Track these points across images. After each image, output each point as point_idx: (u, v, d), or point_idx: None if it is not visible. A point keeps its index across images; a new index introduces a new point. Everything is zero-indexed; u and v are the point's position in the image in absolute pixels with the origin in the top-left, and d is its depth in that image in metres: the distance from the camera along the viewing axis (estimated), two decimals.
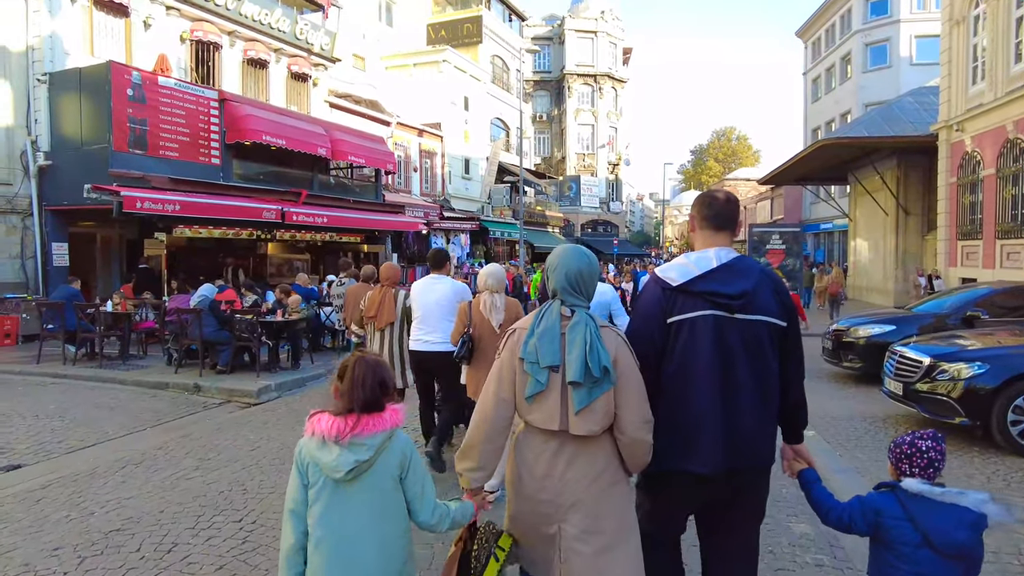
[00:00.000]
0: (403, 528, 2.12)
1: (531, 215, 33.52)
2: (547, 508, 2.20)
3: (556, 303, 2.28)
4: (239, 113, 14.00)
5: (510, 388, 2.24)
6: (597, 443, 2.19)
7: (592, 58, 46.80)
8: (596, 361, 2.11)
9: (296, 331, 9.48)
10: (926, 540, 2.07)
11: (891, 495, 2.17)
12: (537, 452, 2.23)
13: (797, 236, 16.77)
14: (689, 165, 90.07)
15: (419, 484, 2.13)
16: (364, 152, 17.38)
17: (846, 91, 36.01)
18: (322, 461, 2.00)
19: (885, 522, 2.15)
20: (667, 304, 2.31)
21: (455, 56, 27.25)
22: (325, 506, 2.02)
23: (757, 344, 2.29)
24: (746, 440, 2.27)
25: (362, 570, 2.01)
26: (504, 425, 2.28)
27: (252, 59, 17.25)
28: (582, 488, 2.17)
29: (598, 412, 2.13)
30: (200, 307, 8.67)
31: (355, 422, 2.00)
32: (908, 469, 2.18)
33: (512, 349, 2.26)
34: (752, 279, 2.30)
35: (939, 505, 2.09)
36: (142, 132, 12.30)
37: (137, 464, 5.31)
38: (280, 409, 7.47)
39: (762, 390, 2.30)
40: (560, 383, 2.16)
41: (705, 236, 2.44)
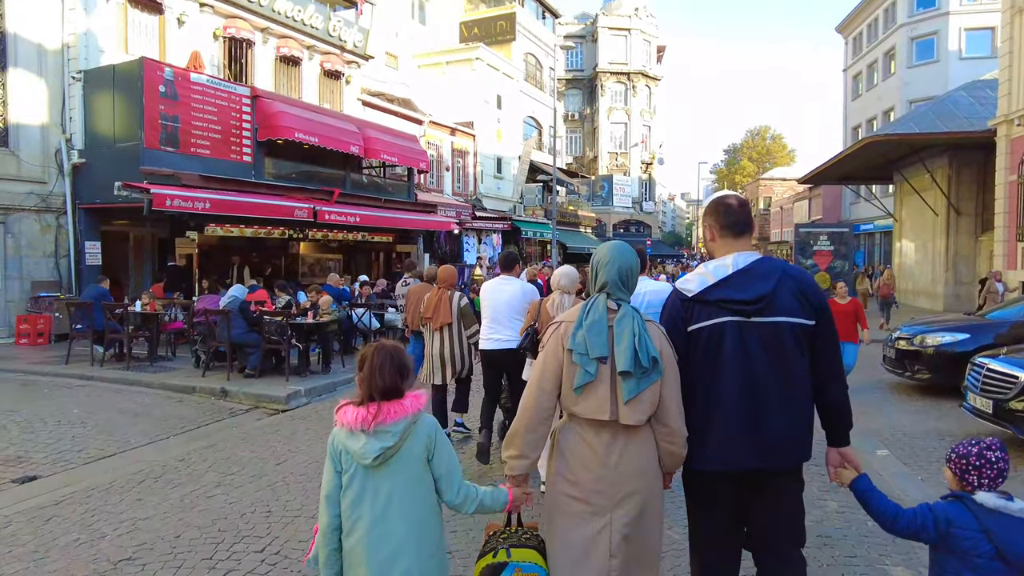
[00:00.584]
0: (433, 509, 2.18)
1: (563, 215, 32.99)
2: (599, 500, 2.24)
3: (602, 296, 2.35)
4: (271, 110, 13.77)
5: (553, 379, 2.31)
6: (645, 435, 2.28)
7: (625, 56, 46.03)
8: (645, 352, 2.19)
9: (327, 333, 9.15)
10: (999, 553, 2.08)
11: (961, 506, 2.16)
12: (589, 444, 2.27)
13: (846, 237, 15.99)
14: (722, 165, 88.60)
15: (445, 465, 2.18)
16: (397, 150, 17.06)
17: (889, 87, 34.81)
18: (352, 449, 2.08)
19: (957, 532, 2.14)
20: (686, 314, 2.38)
21: (488, 54, 26.86)
22: (358, 491, 2.10)
23: (779, 346, 2.30)
24: (774, 441, 2.29)
25: (396, 550, 2.07)
26: (546, 415, 2.33)
27: (285, 56, 17.06)
28: (636, 479, 2.24)
29: (646, 402, 2.22)
30: (229, 308, 8.38)
31: (376, 410, 2.06)
32: (977, 480, 2.17)
33: (558, 341, 2.32)
34: (772, 281, 2.31)
35: (1014, 520, 2.10)
36: (174, 129, 12.12)
37: (157, 478, 4.97)
38: (310, 417, 7.12)
39: (788, 390, 2.31)
40: (609, 374, 2.23)
41: (726, 244, 2.47)
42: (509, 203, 28.55)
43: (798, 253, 16.36)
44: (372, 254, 19.86)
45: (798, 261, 16.33)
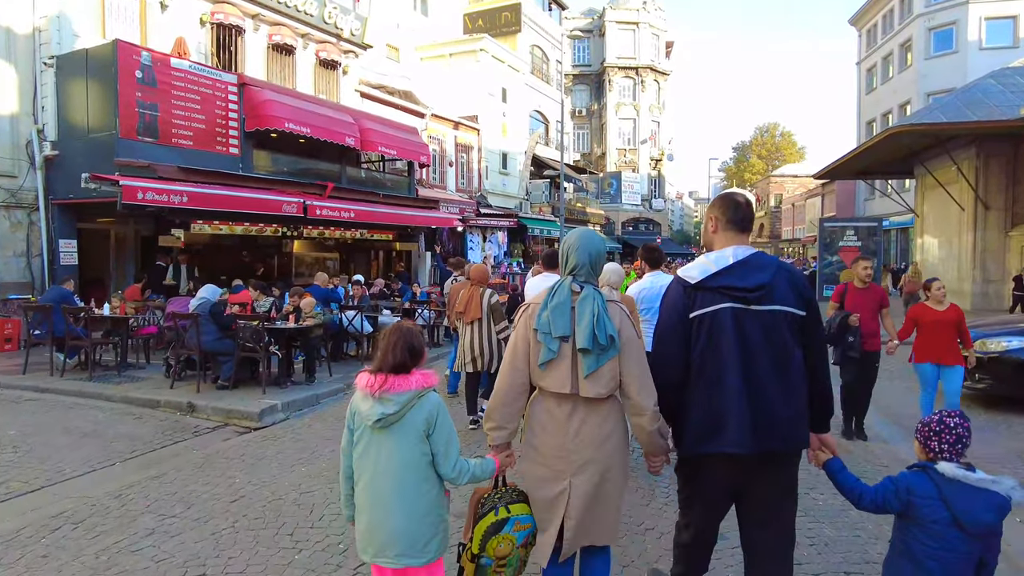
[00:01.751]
0: (425, 476, 2.40)
1: (571, 212, 31.98)
2: (560, 465, 2.50)
3: (567, 280, 2.60)
4: (260, 99, 12.87)
5: (524, 358, 2.55)
6: (607, 407, 2.51)
7: (634, 50, 45.02)
8: (603, 331, 2.43)
9: (311, 339, 8.23)
10: (955, 520, 2.21)
11: (923, 475, 2.30)
12: (551, 415, 2.53)
13: (873, 232, 14.96)
14: (731, 162, 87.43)
15: (443, 442, 2.41)
16: (396, 143, 16.14)
17: (905, 80, 33.88)
18: (361, 410, 2.42)
19: (917, 501, 2.28)
20: (688, 300, 2.51)
21: (493, 45, 25.91)
22: (364, 447, 2.43)
23: (777, 333, 2.43)
24: (774, 424, 2.39)
25: (387, 506, 2.37)
26: (520, 391, 2.57)
27: (277, 44, 16.17)
28: (594, 448, 2.48)
29: (604, 376, 2.46)
30: (199, 312, 7.48)
31: (384, 380, 2.36)
32: (937, 447, 2.31)
33: (526, 322, 2.57)
34: (769, 272, 2.47)
35: (972, 489, 2.21)
36: (152, 118, 11.23)
37: (78, 524, 4.06)
38: (284, 437, 6.20)
39: (786, 376, 2.43)
40: (571, 351, 2.48)
41: (729, 237, 2.59)
42: (515, 200, 27.60)
43: (822, 249, 15.34)
44: (371, 253, 18.94)
45: (822, 257, 15.31)
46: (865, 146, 21.71)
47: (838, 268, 15.05)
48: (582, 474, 2.46)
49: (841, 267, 14.99)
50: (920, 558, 2.30)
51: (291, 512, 4.24)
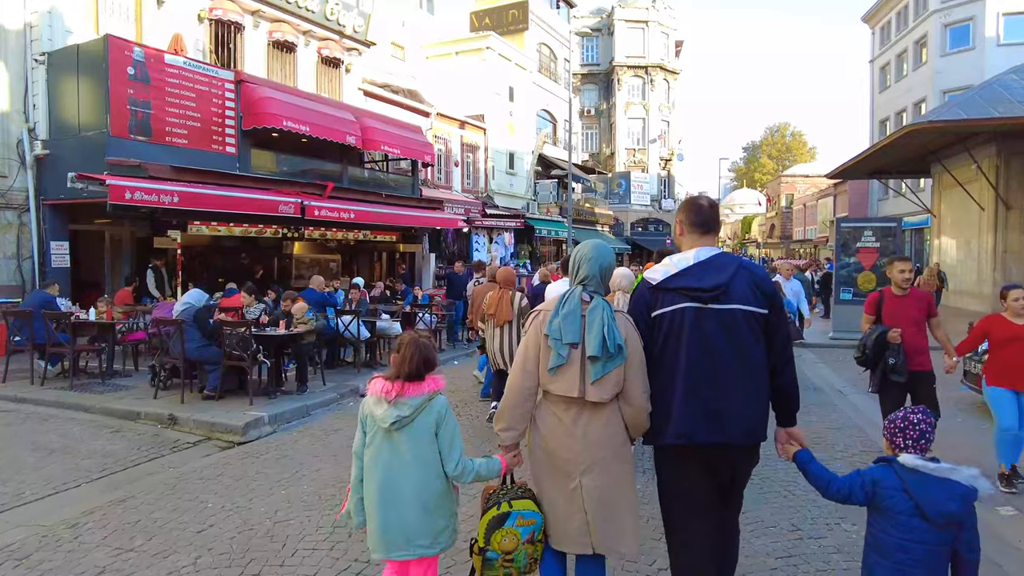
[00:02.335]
0: (436, 472, 2.60)
1: (579, 213, 31.52)
2: (569, 466, 2.60)
3: (578, 289, 2.70)
4: (257, 96, 12.51)
5: (534, 361, 2.66)
6: (608, 410, 2.62)
7: (643, 49, 44.46)
8: (612, 339, 2.54)
9: (302, 346, 7.81)
10: (919, 510, 2.28)
11: (888, 468, 2.38)
12: (558, 418, 2.64)
13: (893, 232, 14.36)
14: (741, 162, 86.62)
15: (448, 441, 2.61)
16: (399, 142, 15.74)
17: (920, 78, 33.31)
18: (375, 414, 2.58)
19: (881, 492, 2.36)
20: (651, 300, 2.64)
21: (500, 43, 25.49)
22: (377, 449, 2.60)
23: (735, 331, 2.52)
24: (730, 418, 2.49)
25: (401, 500, 2.55)
26: (529, 393, 2.68)
27: (278, 42, 15.81)
28: (601, 448, 2.60)
29: (610, 382, 2.57)
30: (183, 318, 7.08)
31: (400, 387, 2.56)
32: (902, 442, 2.39)
33: (537, 328, 2.68)
34: (728, 273, 2.55)
35: (932, 479, 2.29)
36: (145, 116, 10.88)
37: (21, 560, 3.65)
38: (268, 453, 5.78)
39: (745, 373, 2.52)
40: (580, 357, 2.58)
41: (693, 239, 2.70)
42: (522, 200, 27.16)
43: (839, 250, 14.74)
44: (374, 255, 18.56)
45: (839, 259, 14.73)
46: (881, 144, 21.12)
47: (855, 270, 14.45)
48: (590, 473, 2.58)
49: (859, 269, 14.40)
50: (889, 550, 2.35)
51: (260, 547, 3.82)
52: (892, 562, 2.34)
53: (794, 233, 60.01)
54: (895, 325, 4.87)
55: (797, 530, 4.08)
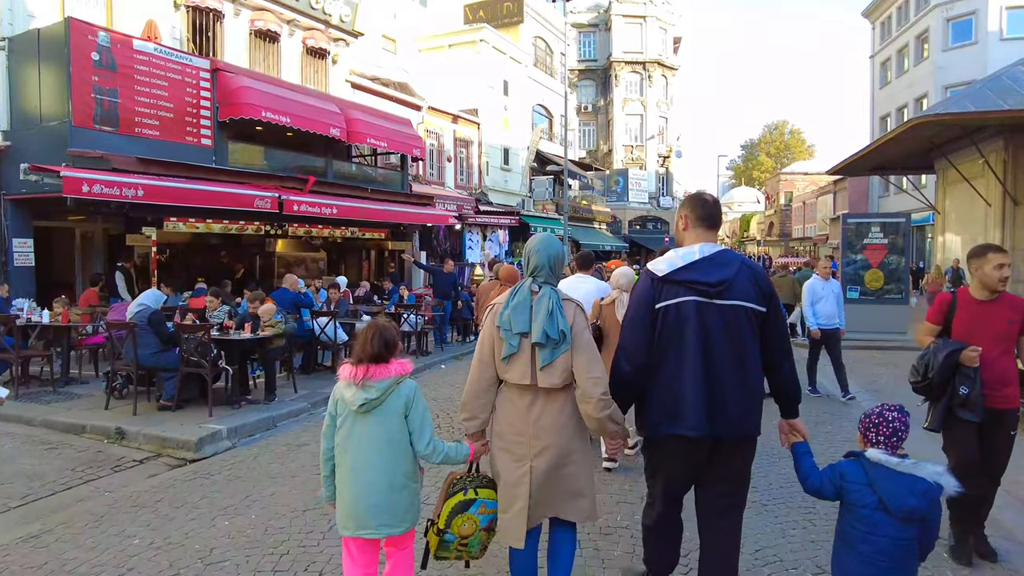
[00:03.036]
0: (405, 454, 2.69)
1: (576, 210, 30.86)
2: (522, 449, 2.70)
3: (528, 281, 2.80)
4: (234, 85, 11.86)
5: (490, 353, 2.77)
6: (563, 397, 2.71)
7: (641, 44, 43.80)
8: (555, 327, 2.63)
9: (270, 351, 7.18)
10: (882, 504, 2.37)
11: (856, 462, 2.48)
12: (514, 404, 2.74)
13: (902, 228, 13.78)
14: (740, 160, 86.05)
15: (418, 421, 2.70)
16: (386, 134, 15.08)
17: (922, 73, 32.87)
18: (345, 397, 2.68)
19: (848, 486, 2.46)
20: (655, 292, 2.67)
21: (494, 35, 24.82)
22: (348, 430, 2.68)
23: (736, 326, 2.59)
24: (728, 411, 2.57)
25: (370, 480, 2.63)
26: (488, 384, 2.79)
27: (260, 31, 15.14)
28: (553, 433, 2.68)
29: (558, 368, 2.65)
30: (136, 321, 6.44)
31: (365, 370, 2.64)
32: (875, 438, 2.47)
33: (491, 321, 2.77)
34: (732, 269, 2.62)
35: (896, 474, 2.38)
36: (112, 105, 10.23)
37: None
38: (219, 473, 5.15)
39: (742, 367, 2.60)
40: (530, 346, 2.67)
41: (697, 234, 2.75)
42: (518, 197, 26.51)
43: (845, 248, 14.14)
44: (362, 253, 17.90)
45: (845, 256, 14.13)
46: (886, 138, 20.43)
47: (862, 267, 13.86)
48: (541, 457, 2.67)
49: (866, 266, 13.80)
50: (854, 542, 2.44)
51: None
52: (857, 554, 2.43)
53: (793, 231, 59.49)
54: (972, 341, 3.53)
55: (822, 573, 3.46)
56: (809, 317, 7.95)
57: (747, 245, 74.19)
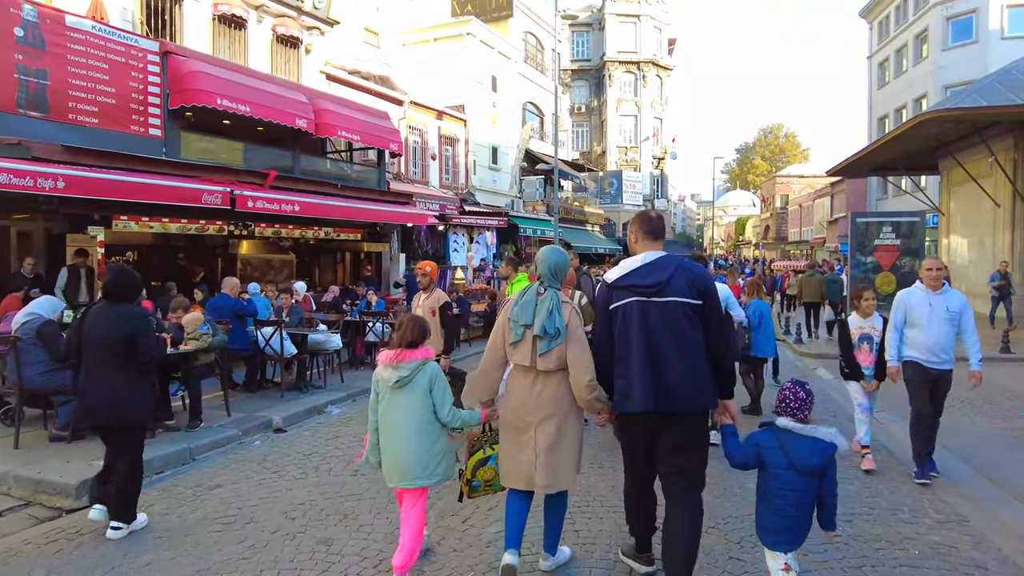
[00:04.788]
0: (429, 419, 3.40)
1: (568, 211, 29.81)
2: (527, 418, 3.34)
3: (536, 284, 3.43)
4: (186, 70, 10.73)
5: (501, 339, 3.43)
6: (558, 377, 3.30)
7: (635, 44, 42.94)
8: (552, 323, 3.23)
9: (194, 369, 6.06)
10: (791, 463, 2.90)
11: (769, 431, 3.03)
12: (519, 382, 3.40)
13: (916, 228, 12.73)
14: (735, 164, 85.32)
15: (440, 395, 3.41)
16: (359, 127, 13.97)
17: (921, 73, 32.26)
18: (383, 376, 3.41)
19: (763, 452, 2.98)
20: (608, 296, 3.27)
21: (481, 29, 23.77)
22: (386, 404, 3.41)
23: (674, 319, 3.09)
24: (671, 391, 3.05)
25: (406, 442, 3.35)
26: (497, 364, 3.47)
27: (224, 16, 14.05)
28: (552, 405, 3.31)
29: (553, 356, 3.25)
30: (20, 335, 5.32)
31: (398, 354, 3.38)
32: (785, 409, 3.02)
33: (504, 313, 3.45)
34: (667, 272, 3.13)
35: (801, 437, 2.94)
36: (40, 88, 9.10)
37: None
38: (87, 533, 4.02)
39: (683, 354, 3.07)
40: (531, 336, 3.29)
41: (646, 244, 3.29)
42: (507, 197, 25.42)
43: (855, 250, 13.08)
44: (337, 254, 16.78)
45: (854, 257, 13.08)
46: (890, 136, 19.57)
47: (873, 270, 12.81)
48: (544, 424, 3.30)
49: (877, 269, 12.75)
50: (770, 498, 2.98)
51: None
52: (771, 506, 2.98)
53: (789, 234, 58.71)
54: None
55: None
56: (892, 347, 5.19)
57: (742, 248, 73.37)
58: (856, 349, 5.46)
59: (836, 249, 38.32)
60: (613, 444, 5.45)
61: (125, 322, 4.08)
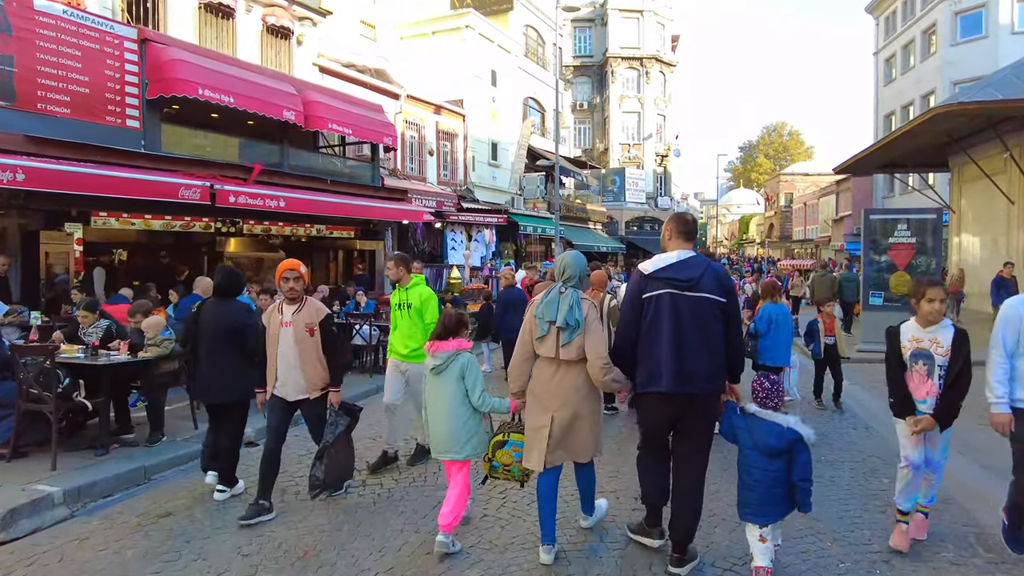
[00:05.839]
0: (462, 402, 3.92)
1: (570, 209, 29.21)
2: (548, 403, 3.74)
3: (559, 284, 3.81)
4: (166, 58, 10.18)
5: (529, 335, 3.81)
6: (577, 368, 3.70)
7: (638, 39, 42.27)
8: (572, 317, 3.64)
9: (155, 378, 5.51)
10: (755, 444, 3.41)
11: (743, 417, 3.55)
12: (543, 371, 3.78)
13: (933, 225, 12.12)
14: (738, 162, 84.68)
15: (472, 381, 3.92)
16: (351, 120, 13.41)
17: (929, 68, 31.68)
18: (427, 364, 3.99)
19: (737, 432, 3.54)
20: (643, 286, 3.62)
21: (480, 21, 23.20)
22: (429, 386, 3.99)
23: (701, 313, 3.48)
24: (693, 375, 3.45)
25: (441, 420, 3.91)
26: (527, 356, 3.85)
27: (211, 5, 13.50)
28: (569, 392, 3.71)
29: (574, 346, 3.66)
30: None
31: (432, 345, 3.96)
32: (754, 398, 4.09)
33: (531, 311, 3.82)
34: (699, 270, 3.52)
35: (763, 421, 3.46)
36: (6, 75, 8.55)
37: None
38: (13, 571, 3.48)
39: (705, 344, 3.48)
40: (556, 330, 3.69)
41: (678, 243, 3.66)
42: (507, 195, 24.85)
43: (868, 248, 12.48)
44: (329, 253, 16.24)
45: (867, 256, 12.49)
46: (900, 132, 18.88)
47: (886, 270, 12.21)
48: (561, 410, 3.70)
49: (891, 268, 12.16)
50: (741, 474, 3.52)
51: None
52: (743, 483, 3.50)
53: (794, 233, 58.03)
54: None
55: None
56: (997, 381, 3.63)
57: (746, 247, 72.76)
58: (908, 371, 3.80)
59: (842, 248, 37.67)
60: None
61: (233, 315, 4.78)
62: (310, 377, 4.49)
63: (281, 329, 4.51)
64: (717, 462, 4.68)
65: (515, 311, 8.85)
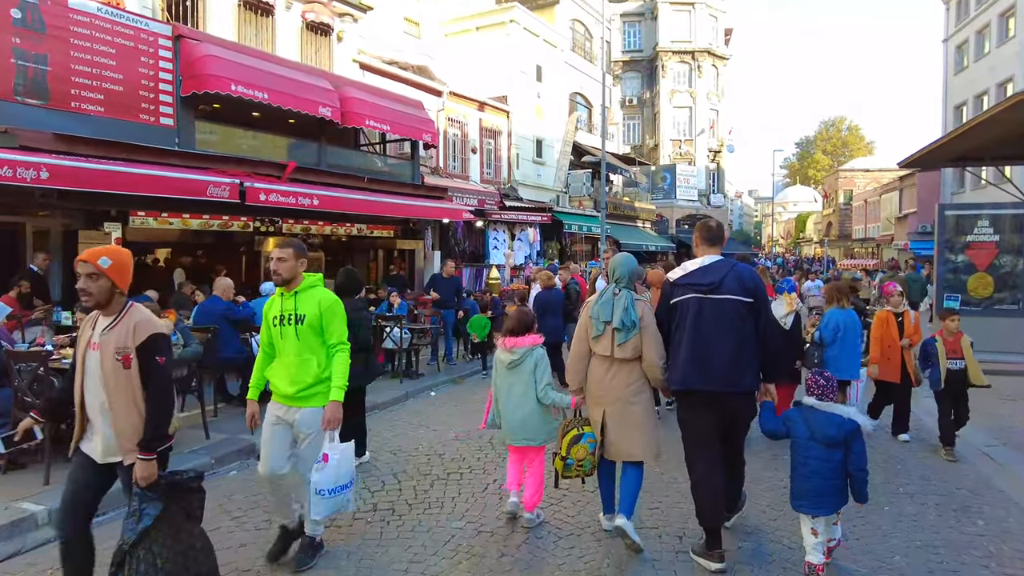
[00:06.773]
0: (533, 395, 4.28)
1: (617, 207, 28.39)
2: (602, 397, 4.00)
3: (612, 286, 4.07)
4: (199, 54, 10.02)
5: (584, 334, 4.06)
6: (630, 366, 3.95)
7: (689, 33, 41.03)
8: (628, 318, 3.88)
9: None
10: (812, 435, 3.52)
11: (797, 409, 3.74)
12: (598, 368, 4.01)
13: (1018, 220, 11.00)
14: (794, 158, 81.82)
15: (541, 373, 4.30)
16: (391, 117, 13.09)
17: (1005, 54, 29.60)
18: (501, 358, 4.43)
19: (791, 424, 3.64)
20: (671, 292, 3.92)
21: (525, 16, 22.68)
22: (502, 379, 4.40)
23: (727, 314, 3.69)
24: (719, 373, 3.65)
25: (514, 410, 4.32)
26: (584, 355, 4.08)
27: (250, 2, 13.38)
28: (621, 389, 3.95)
29: (630, 346, 3.90)
30: None
31: (507, 342, 4.38)
32: (810, 391, 3.67)
33: (586, 312, 4.09)
34: (721, 274, 3.76)
35: (820, 412, 3.57)
36: (39, 74, 8.50)
37: None
38: None
39: (733, 343, 3.66)
40: (611, 330, 3.92)
41: (704, 249, 3.97)
42: (552, 192, 24.27)
43: (943, 247, 11.43)
44: (370, 252, 15.99)
45: (942, 255, 11.44)
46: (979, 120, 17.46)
47: (964, 271, 11.16)
48: (613, 404, 3.96)
49: (969, 269, 11.10)
50: (797, 466, 3.59)
51: None
52: (799, 475, 3.56)
53: (854, 231, 55.52)
54: None
55: None
56: None
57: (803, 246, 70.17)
58: None
59: (905, 247, 35.66)
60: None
61: (351, 312, 4.89)
62: (121, 429, 2.94)
63: (88, 352, 2.97)
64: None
65: (554, 313, 8.36)
